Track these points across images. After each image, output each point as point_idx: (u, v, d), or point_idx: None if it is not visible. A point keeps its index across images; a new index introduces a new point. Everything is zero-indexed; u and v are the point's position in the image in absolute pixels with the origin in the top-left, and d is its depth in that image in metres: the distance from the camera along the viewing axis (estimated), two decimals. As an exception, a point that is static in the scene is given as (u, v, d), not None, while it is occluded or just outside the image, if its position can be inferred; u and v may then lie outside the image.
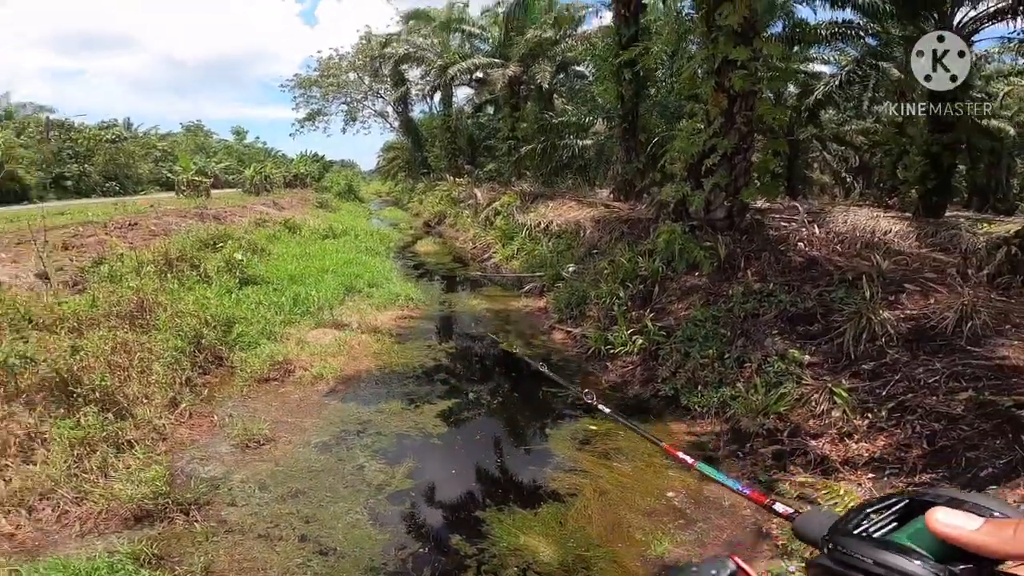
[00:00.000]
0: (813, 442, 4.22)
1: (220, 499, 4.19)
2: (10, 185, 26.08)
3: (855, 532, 0.54)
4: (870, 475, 3.77)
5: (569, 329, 8.34)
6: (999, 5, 9.55)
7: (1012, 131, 18.16)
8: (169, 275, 8.37)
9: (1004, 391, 3.97)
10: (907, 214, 10.46)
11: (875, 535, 0.53)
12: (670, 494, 4.23)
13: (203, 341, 6.53)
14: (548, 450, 5.10)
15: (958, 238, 7.93)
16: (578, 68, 22.77)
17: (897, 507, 0.54)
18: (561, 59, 21.26)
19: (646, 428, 5.28)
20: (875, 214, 9.94)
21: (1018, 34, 9.96)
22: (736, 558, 0.70)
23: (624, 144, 14.04)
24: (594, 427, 5.45)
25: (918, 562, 0.47)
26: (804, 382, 4.68)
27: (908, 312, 5.08)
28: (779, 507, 0.69)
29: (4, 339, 5.15)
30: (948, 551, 0.47)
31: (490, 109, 28.89)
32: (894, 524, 0.53)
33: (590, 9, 19.30)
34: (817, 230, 7.83)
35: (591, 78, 21.17)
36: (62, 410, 4.61)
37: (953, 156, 10.59)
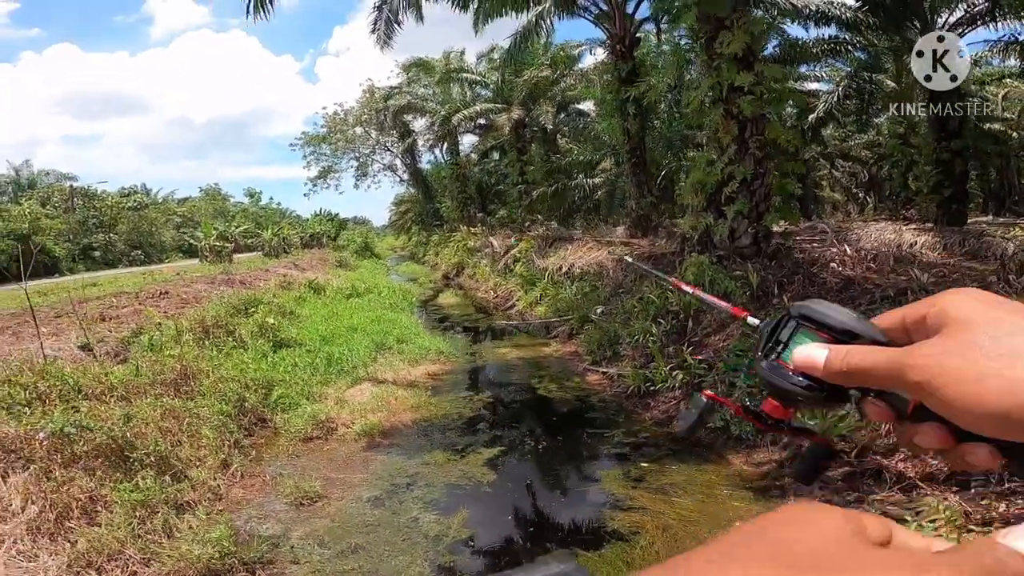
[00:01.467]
0: (885, 461, 4.09)
1: (282, 557, 4.17)
2: (40, 258, 26.82)
3: (761, 352, 0.58)
4: (955, 489, 3.62)
5: (604, 370, 8.27)
6: (978, 8, 9.74)
7: (1015, 134, 18.21)
8: (206, 342, 8.50)
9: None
10: (928, 225, 10.41)
11: (770, 354, 0.56)
12: (738, 524, 4.09)
13: (246, 404, 6.60)
14: (602, 490, 5.01)
15: (989, 245, 7.83)
16: (579, 106, 23.29)
17: (781, 323, 0.57)
18: (561, 98, 21.80)
19: (701, 462, 5.22)
20: (896, 228, 9.89)
21: (1005, 36, 10.14)
22: (708, 392, 0.73)
23: (635, 179, 14.13)
24: (646, 464, 5.36)
25: (797, 377, 0.52)
26: (862, 402, 4.58)
27: (957, 324, 5.00)
28: (751, 320, 0.70)
29: (55, 409, 5.27)
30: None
31: (496, 155, 29.48)
32: (785, 343, 0.56)
33: (584, 47, 19.85)
34: (848, 248, 7.80)
35: (592, 115, 21.64)
36: (119, 474, 4.70)
37: (964, 162, 10.60)
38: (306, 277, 18.01)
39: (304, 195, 65.91)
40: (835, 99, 15.79)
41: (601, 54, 16.96)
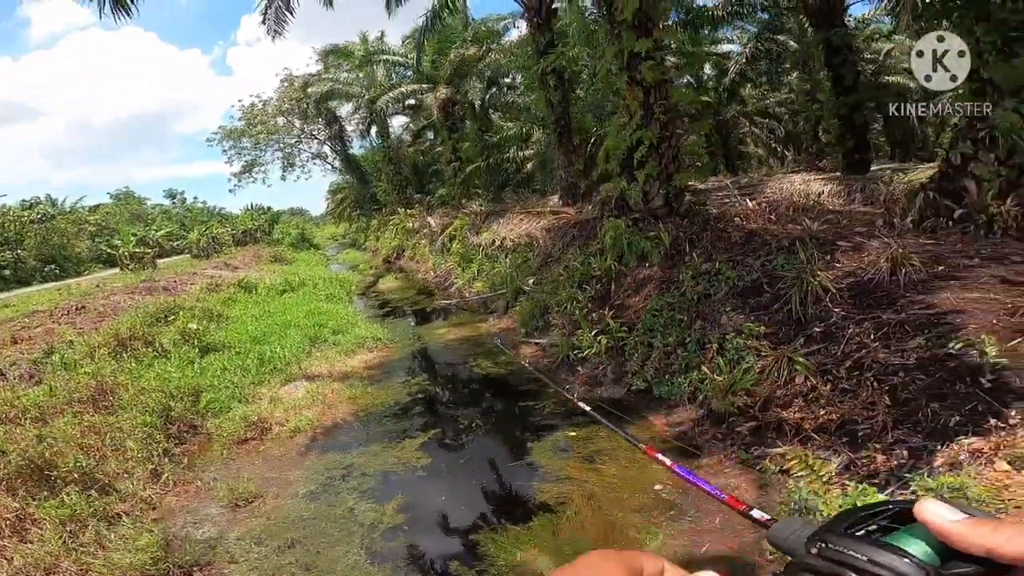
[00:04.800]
0: (784, 413, 4.36)
1: (220, 558, 4.21)
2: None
3: (848, 532, 0.56)
4: (844, 439, 3.85)
5: (537, 341, 8.45)
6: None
7: (912, 84, 19.29)
8: (124, 355, 8.19)
9: (951, 333, 3.94)
10: (836, 174, 11.01)
11: (870, 535, 0.55)
12: (657, 487, 4.35)
13: (172, 413, 6.46)
14: (532, 463, 5.18)
15: (882, 191, 8.30)
16: (508, 80, 23.09)
17: (884, 512, 0.57)
18: (489, 74, 21.51)
19: (626, 425, 5.46)
20: (808, 178, 10.49)
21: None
22: None
23: (562, 148, 14.24)
24: (573, 433, 5.56)
25: (907, 560, 0.50)
26: (763, 354, 4.85)
27: (845, 269, 5.34)
28: (756, 513, 0.70)
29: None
30: (947, 553, 0.49)
31: (429, 134, 28.96)
32: (884, 527, 0.56)
33: (507, 21, 19.53)
34: (750, 202, 8.17)
35: (522, 89, 21.57)
36: (44, 492, 4.71)
37: (862, 115, 11.21)
38: (237, 276, 17.41)
39: (230, 191, 61.47)
40: (744, 60, 16.35)
41: (525, 27, 16.86)
